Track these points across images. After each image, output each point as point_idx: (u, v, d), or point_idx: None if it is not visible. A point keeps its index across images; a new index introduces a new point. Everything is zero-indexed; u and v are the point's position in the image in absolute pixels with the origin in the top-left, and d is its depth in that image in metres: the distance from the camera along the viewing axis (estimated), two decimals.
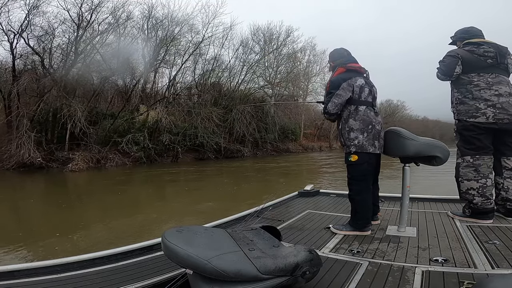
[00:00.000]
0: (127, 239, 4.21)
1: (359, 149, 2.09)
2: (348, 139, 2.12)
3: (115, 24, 16.75)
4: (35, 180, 11.58)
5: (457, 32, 2.58)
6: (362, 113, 2.11)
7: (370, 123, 2.11)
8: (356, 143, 2.09)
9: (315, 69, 30.73)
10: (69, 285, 1.42)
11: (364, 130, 2.09)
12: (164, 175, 12.71)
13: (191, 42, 19.80)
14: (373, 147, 2.10)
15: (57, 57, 16.01)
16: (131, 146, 15.74)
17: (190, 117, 18.45)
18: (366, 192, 2.13)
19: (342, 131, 2.17)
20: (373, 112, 2.16)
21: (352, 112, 2.13)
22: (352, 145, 2.10)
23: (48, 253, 3.69)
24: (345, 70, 2.20)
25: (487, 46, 2.35)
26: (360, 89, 2.13)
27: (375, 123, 2.13)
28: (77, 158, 13.94)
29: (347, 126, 2.14)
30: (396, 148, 2.13)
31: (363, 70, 2.26)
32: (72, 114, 14.15)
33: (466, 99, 2.35)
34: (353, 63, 2.25)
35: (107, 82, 18.00)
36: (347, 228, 2.14)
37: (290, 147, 25.56)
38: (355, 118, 2.12)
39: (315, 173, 12.97)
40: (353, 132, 2.10)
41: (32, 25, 14.68)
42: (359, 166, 2.10)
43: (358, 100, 2.13)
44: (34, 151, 13.04)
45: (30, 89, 14.87)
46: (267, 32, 25.52)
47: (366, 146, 2.09)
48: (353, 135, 2.10)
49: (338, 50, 2.36)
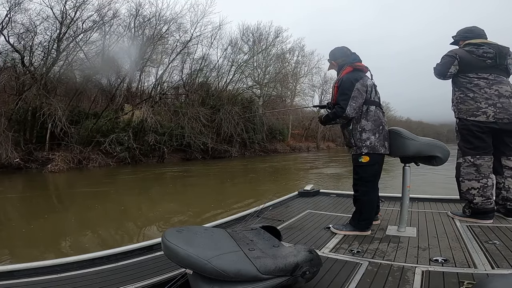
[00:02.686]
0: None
1: (371, 150, 2.06)
2: (360, 140, 2.08)
3: (100, 22, 16.32)
4: (13, 180, 11.06)
5: (460, 31, 2.56)
6: (373, 114, 2.09)
7: (380, 123, 2.10)
8: (368, 144, 2.06)
9: (304, 70, 31.19)
10: (69, 285, 1.42)
11: (376, 131, 2.07)
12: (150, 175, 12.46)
13: (179, 41, 19.59)
14: (384, 148, 2.08)
15: (38, 55, 15.44)
16: (114, 146, 15.35)
17: (177, 117, 18.19)
18: (373, 193, 2.12)
19: (353, 132, 2.11)
20: (381, 112, 2.15)
21: (364, 113, 2.09)
22: (364, 146, 2.07)
23: None
24: (352, 69, 2.14)
25: (487, 47, 2.34)
26: (370, 89, 2.11)
27: (384, 124, 2.13)
28: (57, 159, 13.48)
29: (359, 126, 2.09)
30: (396, 148, 2.14)
31: (368, 70, 2.22)
32: (52, 113, 13.65)
33: (467, 98, 2.35)
34: (359, 62, 2.20)
35: (90, 81, 17.49)
36: (348, 228, 2.11)
37: (278, 148, 25.70)
38: (367, 118, 2.08)
39: (304, 172, 13.09)
40: (365, 132, 2.07)
41: (13, 22, 14.10)
42: (370, 167, 2.07)
43: (369, 100, 2.10)
44: (11, 151, 12.48)
45: (8, 87, 14.25)
46: (257, 32, 25.67)
47: (378, 147, 2.06)
48: (365, 136, 2.06)
49: (340, 48, 2.28)
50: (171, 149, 17.73)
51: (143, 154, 16.74)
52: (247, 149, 22.86)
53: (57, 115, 13.62)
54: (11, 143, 12.57)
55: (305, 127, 33.03)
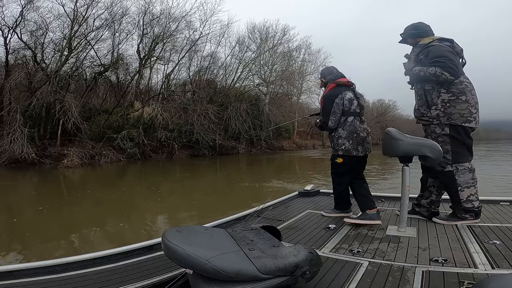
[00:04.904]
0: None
1: (345, 153, 2.47)
2: (337, 144, 2.50)
3: (110, 20, 16.54)
4: (32, 176, 11.35)
5: (407, 28, 2.40)
6: (349, 124, 2.47)
7: (355, 131, 2.47)
8: (343, 148, 2.47)
9: (310, 68, 30.89)
10: (69, 285, 1.41)
11: (350, 137, 2.46)
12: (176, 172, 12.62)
13: (188, 39, 19.70)
14: (356, 151, 2.46)
15: (49, 52, 15.81)
16: (126, 142, 15.60)
17: (186, 114, 18.35)
18: (344, 185, 2.56)
19: (332, 138, 2.55)
20: (359, 122, 2.50)
21: (342, 123, 2.48)
22: (340, 149, 2.48)
23: None
24: (335, 85, 2.51)
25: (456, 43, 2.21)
26: (349, 102, 2.46)
27: (360, 131, 2.48)
28: (71, 154, 13.77)
29: (336, 134, 2.50)
30: (388, 148, 2.15)
31: (350, 84, 2.55)
32: (66, 109, 13.96)
33: (459, 101, 2.14)
34: (341, 78, 2.56)
35: (101, 78, 17.79)
36: (335, 211, 2.62)
37: (284, 145, 25.66)
38: (343, 128, 2.47)
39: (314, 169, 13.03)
40: (341, 139, 2.47)
41: (25, 20, 14.47)
42: (342, 166, 2.50)
43: (348, 111, 2.47)
44: (27, 147, 12.83)
45: (21, 84, 14.63)
46: (264, 31, 25.55)
47: (351, 151, 2.46)
48: (341, 142, 2.47)
49: (328, 68, 2.75)
50: (179, 145, 17.92)
51: (152, 150, 16.99)
52: (254, 146, 22.90)
53: (70, 111, 13.93)
54: (26, 138, 12.93)
55: (311, 125, 32.81)
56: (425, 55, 2.20)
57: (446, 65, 2.06)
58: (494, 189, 6.31)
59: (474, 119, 2.16)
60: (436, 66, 2.10)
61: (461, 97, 2.14)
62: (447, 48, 2.14)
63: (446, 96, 2.16)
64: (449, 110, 2.16)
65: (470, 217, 2.20)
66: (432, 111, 2.22)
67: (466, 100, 2.14)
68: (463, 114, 2.14)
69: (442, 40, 2.21)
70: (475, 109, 2.16)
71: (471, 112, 2.14)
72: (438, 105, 2.19)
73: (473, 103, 2.15)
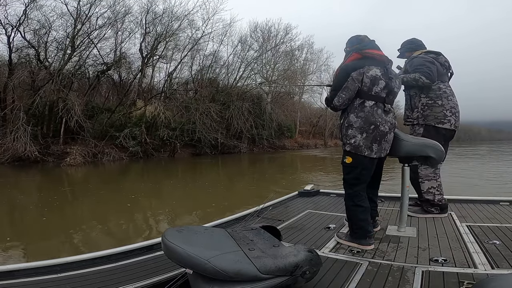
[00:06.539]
0: None
1: (353, 150, 1.83)
2: (346, 135, 1.87)
3: (113, 19, 16.57)
4: (35, 174, 11.40)
5: (404, 43, 2.72)
6: (367, 110, 1.81)
7: (373, 122, 1.81)
8: (352, 142, 1.83)
9: (312, 67, 30.83)
10: (69, 285, 1.41)
11: (364, 129, 1.80)
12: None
13: (190, 37, 19.71)
14: (369, 150, 1.82)
15: (52, 51, 15.88)
16: (128, 140, 15.66)
17: (188, 113, 18.38)
18: (358, 199, 1.85)
19: (342, 126, 1.92)
20: (381, 110, 1.84)
21: (357, 107, 1.84)
22: (348, 143, 1.85)
23: None
24: (360, 56, 1.87)
25: (443, 56, 2.54)
26: (372, 80, 1.80)
27: (380, 123, 1.82)
28: (74, 152, 13.81)
29: (347, 121, 1.86)
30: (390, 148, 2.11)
31: (385, 59, 1.88)
32: (69, 108, 14.02)
33: (435, 105, 2.46)
34: (372, 49, 1.89)
35: (103, 76, 17.85)
36: (348, 238, 1.91)
37: (286, 144, 25.63)
38: (357, 114, 1.83)
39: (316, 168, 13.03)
40: (352, 129, 1.83)
41: (29, 18, 14.52)
42: (352, 169, 1.86)
43: (367, 93, 1.82)
44: (30, 145, 12.91)
45: (25, 82, 14.71)
46: (266, 30, 25.49)
47: (362, 149, 1.81)
48: (351, 133, 1.84)
49: (358, 35, 2.00)
50: (182, 144, 17.97)
51: (154, 149, 17.04)
52: (256, 145, 22.90)
53: (73, 110, 13.99)
54: (29, 136, 13.00)
55: (313, 124, 32.76)
56: (409, 65, 2.55)
57: (423, 70, 2.41)
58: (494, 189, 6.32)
59: (448, 121, 2.45)
60: (416, 72, 2.45)
61: (437, 101, 2.46)
62: (428, 58, 2.48)
63: (425, 100, 2.50)
64: (426, 112, 2.49)
65: (436, 211, 2.45)
66: (414, 113, 2.56)
67: (441, 105, 2.45)
68: (437, 116, 2.45)
69: (429, 53, 2.54)
70: (450, 113, 2.45)
71: (445, 115, 2.44)
72: (419, 108, 2.53)
73: (449, 107, 2.45)
